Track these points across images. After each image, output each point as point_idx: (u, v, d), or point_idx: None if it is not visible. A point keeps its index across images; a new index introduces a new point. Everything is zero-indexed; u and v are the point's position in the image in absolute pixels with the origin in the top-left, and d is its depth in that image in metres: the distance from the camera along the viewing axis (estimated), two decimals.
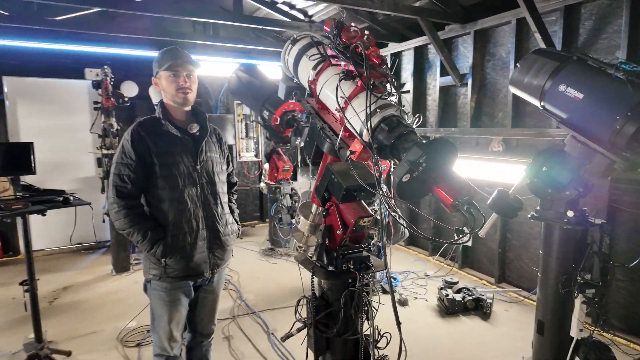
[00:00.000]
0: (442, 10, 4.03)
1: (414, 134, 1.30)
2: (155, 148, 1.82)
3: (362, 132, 1.35)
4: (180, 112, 1.95)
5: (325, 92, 1.58)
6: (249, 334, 3.18)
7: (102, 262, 4.86)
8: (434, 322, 3.40)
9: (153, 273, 1.87)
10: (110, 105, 4.21)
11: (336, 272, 1.64)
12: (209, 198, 1.98)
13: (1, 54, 4.85)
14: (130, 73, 5.40)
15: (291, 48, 1.76)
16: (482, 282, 4.25)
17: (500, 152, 3.94)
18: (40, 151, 4.51)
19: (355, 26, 1.49)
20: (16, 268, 4.75)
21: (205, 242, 1.94)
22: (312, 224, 1.85)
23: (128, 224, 1.77)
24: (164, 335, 1.91)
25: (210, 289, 2.05)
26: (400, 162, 1.15)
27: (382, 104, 1.35)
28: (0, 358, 2.89)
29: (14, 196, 2.38)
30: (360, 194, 1.57)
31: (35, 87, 5.13)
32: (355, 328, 1.70)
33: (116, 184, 1.79)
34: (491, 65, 4.13)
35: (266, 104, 4.07)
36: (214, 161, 2.03)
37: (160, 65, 1.87)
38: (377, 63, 1.40)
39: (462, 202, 1.15)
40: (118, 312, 3.58)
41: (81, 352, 2.94)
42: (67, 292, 4.03)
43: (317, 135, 1.66)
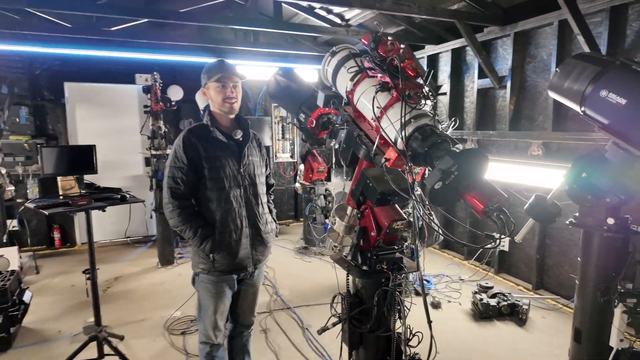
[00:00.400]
0: (480, 13, 4.00)
1: (446, 142, 1.37)
2: (204, 153, 1.99)
3: (397, 140, 1.44)
4: (226, 120, 2.11)
5: (362, 102, 1.67)
6: (285, 327, 3.33)
7: (149, 255, 5.20)
8: (467, 326, 3.40)
9: (201, 267, 2.04)
10: (159, 109, 4.51)
11: (370, 272, 1.73)
12: (251, 198, 2.13)
13: (64, 62, 5.30)
14: (176, 78, 5.72)
15: (330, 59, 1.87)
16: (519, 287, 4.17)
17: (539, 156, 3.85)
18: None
19: (392, 39, 1.58)
20: (73, 258, 5.19)
21: (249, 239, 2.09)
22: (347, 225, 1.95)
23: (181, 222, 1.95)
24: (209, 324, 2.08)
25: (251, 282, 2.20)
26: (433, 170, 1.22)
27: (416, 114, 1.43)
28: (62, 339, 3.20)
29: (79, 193, 2.65)
30: (394, 198, 1.66)
31: (91, 92, 5.56)
32: (387, 325, 1.79)
33: (170, 186, 1.97)
34: (531, 68, 4.05)
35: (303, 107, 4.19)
36: (255, 164, 2.18)
37: (209, 77, 2.03)
38: (412, 75, 1.48)
39: (493, 208, 1.21)
40: (164, 302, 3.84)
41: (132, 337, 3.20)
42: (118, 282, 4.36)
43: (354, 141, 1.76)
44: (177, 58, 5.56)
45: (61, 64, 5.32)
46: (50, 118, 5.43)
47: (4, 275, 3.22)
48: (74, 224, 5.61)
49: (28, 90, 5.24)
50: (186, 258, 5.07)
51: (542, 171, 3.69)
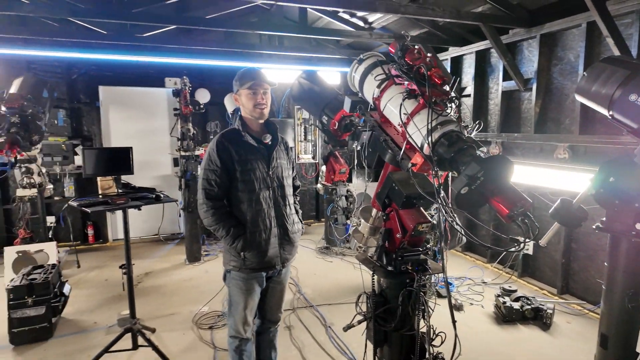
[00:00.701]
0: (505, 15, 3.98)
1: (472, 148, 1.42)
2: (236, 156, 2.10)
3: (423, 145, 1.50)
4: (256, 125, 2.21)
5: (389, 108, 1.74)
6: (308, 325, 3.42)
7: (177, 252, 5.40)
8: (489, 329, 3.40)
9: (233, 264, 2.15)
10: (188, 112, 4.69)
11: (395, 272, 1.79)
12: (279, 200, 2.23)
13: (99, 67, 5.57)
14: (203, 81, 5.91)
15: (357, 67, 1.94)
16: (543, 292, 4.12)
17: (566, 159, 3.81)
18: None
19: (419, 48, 1.64)
20: (106, 254, 5.44)
21: (277, 238, 2.19)
22: (371, 227, 2.03)
23: (215, 222, 2.06)
24: (239, 319, 2.19)
25: (279, 280, 2.30)
26: (459, 176, 1.28)
27: (442, 120, 1.48)
28: (98, 330, 3.39)
29: (117, 193, 2.81)
30: (419, 202, 1.72)
31: (124, 95, 5.81)
32: (412, 324, 1.84)
33: (205, 187, 2.08)
34: (558, 70, 4.00)
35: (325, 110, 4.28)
36: (282, 167, 2.27)
37: (241, 84, 2.14)
38: (439, 83, 1.54)
39: (518, 213, 1.26)
40: (192, 297, 4.00)
41: (163, 330, 3.36)
42: (149, 278, 4.55)
43: (380, 146, 1.83)
44: (205, 62, 5.73)
45: (97, 69, 5.59)
46: (85, 120, 5.71)
47: (46, 268, 3.43)
48: (106, 221, 5.87)
49: (66, 94, 5.52)
50: (212, 255, 5.24)
51: (568, 175, 3.64)
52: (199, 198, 2.12)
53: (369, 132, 4.38)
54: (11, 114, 3.97)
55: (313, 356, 2.99)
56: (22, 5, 3.52)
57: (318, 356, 3.00)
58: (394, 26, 5.38)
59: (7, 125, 3.91)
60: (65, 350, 3.07)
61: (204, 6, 5.22)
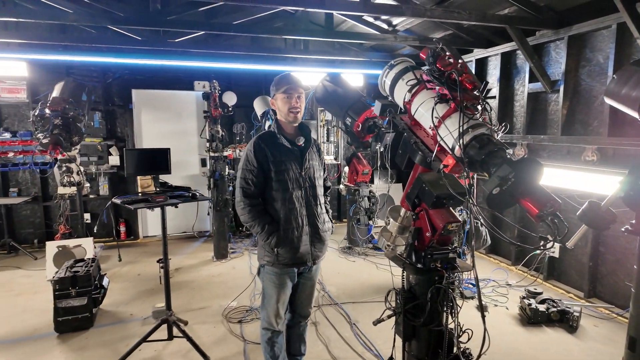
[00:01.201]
0: (532, 17, 3.97)
1: (503, 150, 1.49)
2: (272, 157, 2.21)
3: (455, 148, 1.57)
4: (291, 127, 2.32)
5: (420, 112, 1.82)
6: (333, 322, 3.51)
7: (204, 249, 5.59)
8: (514, 330, 3.41)
9: (267, 260, 2.26)
10: (217, 114, 4.86)
11: (424, 269, 1.86)
12: (310, 199, 2.33)
13: (132, 71, 5.83)
14: (230, 84, 6.10)
15: (388, 72, 2.03)
16: (569, 295, 4.09)
17: (594, 161, 3.77)
18: None
19: (450, 55, 1.71)
20: (137, 250, 5.68)
21: (308, 236, 2.29)
22: (400, 226, 2.10)
23: (251, 219, 2.19)
24: (272, 312, 2.30)
25: (309, 276, 2.40)
26: (491, 177, 1.35)
27: (473, 124, 1.56)
28: (135, 321, 3.58)
29: (155, 191, 2.98)
30: (448, 202, 1.78)
31: (155, 98, 6.06)
32: (440, 320, 1.91)
33: (242, 186, 2.21)
34: (586, 72, 3.96)
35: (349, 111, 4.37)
36: (314, 168, 2.38)
37: (277, 89, 2.26)
38: (470, 88, 1.61)
39: (547, 213, 1.32)
40: (221, 292, 4.15)
41: (195, 322, 3.52)
42: (179, 273, 4.74)
43: (410, 148, 1.90)
44: (232, 66, 5.91)
45: (130, 73, 5.85)
46: (119, 122, 5.98)
47: (87, 262, 3.64)
48: (137, 219, 6.13)
49: (101, 97, 5.81)
50: (238, 253, 5.41)
51: (596, 177, 3.61)
52: (236, 196, 2.25)
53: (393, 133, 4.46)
54: (54, 116, 4.23)
55: (339, 351, 3.08)
56: (67, 14, 3.75)
57: (344, 351, 3.09)
58: (418, 28, 5.42)
59: (51, 127, 4.18)
60: (105, 339, 3.26)
61: (232, 12, 5.40)
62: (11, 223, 5.63)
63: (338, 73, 4.93)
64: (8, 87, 5.43)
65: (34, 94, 5.50)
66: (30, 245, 5.67)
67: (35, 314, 3.67)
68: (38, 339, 3.27)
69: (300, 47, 6.03)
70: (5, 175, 5.58)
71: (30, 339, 3.28)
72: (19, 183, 5.65)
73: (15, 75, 5.37)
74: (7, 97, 5.44)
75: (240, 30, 4.58)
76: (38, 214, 5.74)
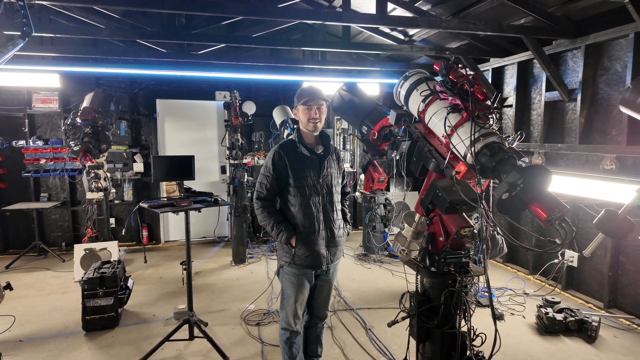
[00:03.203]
0: (549, 27, 4.00)
1: (513, 158, 1.55)
2: (291, 165, 2.33)
3: (467, 155, 1.64)
4: (311, 137, 2.44)
5: (434, 121, 1.90)
6: (349, 327, 3.57)
7: (223, 254, 5.73)
8: (531, 339, 3.40)
9: (285, 260, 2.37)
10: (238, 123, 5.03)
11: (438, 273, 1.93)
12: (327, 205, 2.43)
13: (157, 81, 6.08)
14: (250, 94, 6.29)
15: (403, 83, 2.13)
16: (588, 305, 4.03)
17: (612, 170, 3.75)
18: None
19: (463, 67, 1.80)
20: (159, 254, 5.86)
21: (324, 240, 2.39)
22: (415, 231, 2.18)
23: (264, 218, 2.36)
24: (290, 312, 2.39)
25: (326, 278, 2.49)
26: (500, 183, 1.42)
27: (485, 132, 1.63)
28: (157, 321, 3.71)
29: (180, 196, 3.13)
30: (462, 208, 1.85)
31: (178, 107, 6.29)
32: (453, 323, 1.97)
33: (257, 189, 2.40)
34: (604, 80, 3.96)
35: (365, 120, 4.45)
36: (332, 175, 2.48)
37: (298, 101, 2.39)
38: (481, 98, 1.69)
39: (555, 217, 1.37)
40: (239, 295, 4.26)
41: (215, 324, 3.63)
42: (199, 276, 4.89)
43: (424, 155, 1.99)
44: (252, 76, 6.10)
45: (155, 84, 6.10)
46: (144, 130, 6.23)
47: (113, 264, 3.81)
48: (159, 224, 6.33)
49: (128, 106, 6.07)
50: (255, 258, 5.52)
51: (615, 186, 3.59)
52: (254, 199, 2.42)
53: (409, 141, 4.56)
54: (85, 125, 4.47)
55: (354, 355, 3.14)
56: (99, 30, 3.99)
57: (359, 355, 3.14)
58: (434, 38, 5.50)
59: (82, 135, 4.41)
60: (130, 338, 3.40)
61: (252, 25, 5.60)
62: (42, 226, 5.91)
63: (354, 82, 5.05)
64: (42, 97, 5.74)
65: (65, 104, 5.80)
66: (58, 247, 5.93)
67: (64, 313, 3.85)
68: (68, 336, 3.44)
69: (318, 57, 6.18)
70: (37, 181, 5.87)
71: (61, 335, 3.45)
72: (49, 189, 5.93)
73: (48, 87, 5.68)
74: (40, 107, 5.75)
75: (260, 43, 4.76)
76: (66, 218, 6.00)
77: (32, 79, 5.57)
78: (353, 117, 4.70)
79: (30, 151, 5.70)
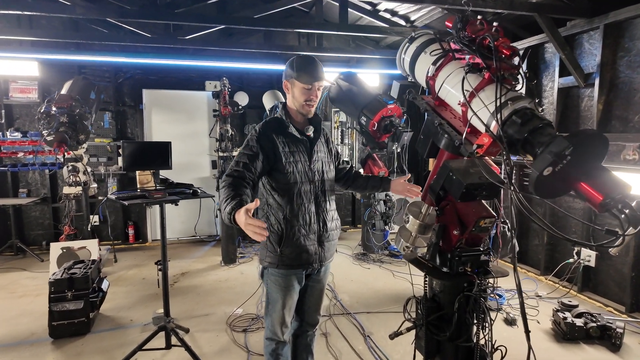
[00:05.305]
0: (564, 5, 3.67)
1: (550, 126, 1.21)
2: (281, 147, 1.97)
3: (490, 125, 1.30)
4: (300, 117, 2.09)
5: (446, 88, 1.56)
6: (345, 333, 3.22)
7: (213, 254, 5.38)
8: (549, 347, 3.05)
9: (269, 261, 2.02)
10: (227, 112, 4.69)
11: (451, 274, 1.58)
12: (319, 194, 2.08)
13: (144, 70, 5.73)
14: (242, 84, 5.95)
15: (408, 46, 1.77)
16: (608, 309, 3.69)
17: (636, 160, 3.41)
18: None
19: (482, 19, 1.45)
20: (145, 253, 5.51)
21: (316, 235, 2.04)
22: (421, 224, 1.82)
23: (223, 191, 1.77)
24: (277, 319, 2.04)
25: (318, 278, 2.14)
26: (541, 154, 1.07)
27: (513, 96, 1.29)
28: (134, 327, 3.37)
29: (155, 187, 2.78)
30: (481, 193, 1.50)
31: (166, 98, 5.93)
32: (469, 335, 1.63)
33: (231, 167, 1.90)
34: (625, 62, 3.62)
35: (364, 110, 4.12)
36: (323, 161, 2.13)
37: (298, 76, 1.97)
38: (508, 54, 1.34)
39: (615, 200, 1.03)
40: (227, 298, 3.92)
41: (197, 330, 3.28)
42: (185, 277, 4.54)
43: (434, 131, 1.64)
44: (244, 65, 5.76)
45: (142, 73, 5.75)
46: (129, 122, 5.88)
47: (87, 263, 3.47)
48: (146, 222, 5.98)
49: (112, 97, 5.72)
50: (247, 258, 5.18)
51: (638, 177, 3.25)
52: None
53: (411, 133, 4.12)
54: (60, 113, 4.11)
55: None
56: (74, 8, 3.65)
57: None
58: (437, 24, 5.16)
59: (57, 124, 4.05)
60: (102, 346, 3.06)
61: (242, 8, 5.25)
62: (20, 224, 5.56)
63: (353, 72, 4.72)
64: (20, 87, 5.39)
65: (45, 94, 5.44)
66: (39, 247, 5.58)
67: (34, 317, 3.51)
68: (33, 344, 3.09)
69: (314, 44, 5.84)
70: (15, 176, 5.52)
71: (26, 343, 3.11)
72: (28, 184, 5.59)
73: (27, 75, 5.33)
74: (18, 97, 5.41)
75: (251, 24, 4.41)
76: (47, 215, 5.65)
77: (9, 67, 5.22)
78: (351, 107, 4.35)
79: (7, 144, 5.32)
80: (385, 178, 2.34)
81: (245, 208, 1.55)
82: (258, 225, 1.50)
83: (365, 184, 2.36)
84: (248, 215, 1.53)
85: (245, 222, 1.51)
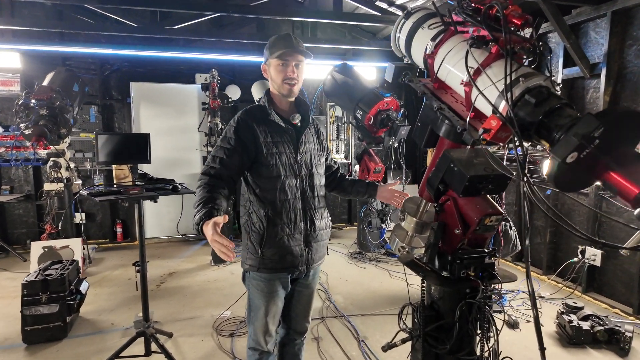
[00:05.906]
0: None
1: (570, 107, 1.02)
2: (262, 137, 1.78)
3: (499, 106, 1.11)
4: (285, 102, 1.89)
5: (446, 67, 1.36)
6: (338, 337, 3.04)
7: (203, 253, 5.18)
8: (554, 352, 2.88)
9: (249, 263, 1.83)
10: (216, 105, 4.48)
11: (451, 279, 1.40)
12: (306, 190, 1.89)
13: (131, 63, 5.51)
14: (234, 77, 5.74)
15: (404, 23, 1.58)
16: (614, 311, 3.52)
17: None
18: (157, 148, 4.93)
19: None
20: (133, 252, 5.31)
21: (302, 235, 1.85)
22: (418, 222, 1.62)
23: (197, 195, 1.67)
24: (260, 327, 1.86)
25: (306, 283, 1.95)
26: (566, 136, 0.88)
27: (525, 72, 1.10)
28: (115, 332, 3.18)
29: (132, 183, 2.59)
30: (486, 187, 1.31)
31: (155, 91, 5.72)
32: (472, 347, 1.44)
33: (208, 164, 1.76)
34: (634, 51, 3.44)
35: (360, 104, 3.93)
36: (312, 153, 1.94)
37: (271, 53, 1.80)
38: (519, 24, 1.15)
39: None
40: (215, 300, 3.73)
41: (181, 335, 3.10)
42: (172, 278, 4.35)
43: (433, 117, 1.45)
44: (236, 57, 5.55)
45: (129, 65, 5.53)
46: (117, 117, 5.67)
47: (64, 264, 3.27)
48: (134, 219, 5.77)
49: (98, 90, 5.50)
50: (238, 257, 4.95)
51: None
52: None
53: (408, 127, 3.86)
54: (40, 106, 3.90)
55: None
56: None
57: None
58: None
59: (36, 117, 3.84)
60: (78, 352, 2.87)
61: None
62: (3, 222, 5.35)
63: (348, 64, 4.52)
64: (1, 79, 5.17)
65: (28, 86, 5.21)
66: (22, 246, 5.36)
67: (9, 321, 3.30)
68: (5, 350, 2.90)
69: (308, 34, 5.64)
70: None
71: None
72: (11, 180, 5.37)
73: (8, 67, 5.11)
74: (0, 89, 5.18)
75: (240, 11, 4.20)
76: (31, 213, 5.45)
77: None
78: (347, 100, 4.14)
79: None
80: (372, 183, 2.12)
81: (213, 221, 1.46)
82: (225, 245, 1.40)
83: (350, 188, 2.14)
84: (216, 231, 1.44)
85: (212, 237, 1.43)
